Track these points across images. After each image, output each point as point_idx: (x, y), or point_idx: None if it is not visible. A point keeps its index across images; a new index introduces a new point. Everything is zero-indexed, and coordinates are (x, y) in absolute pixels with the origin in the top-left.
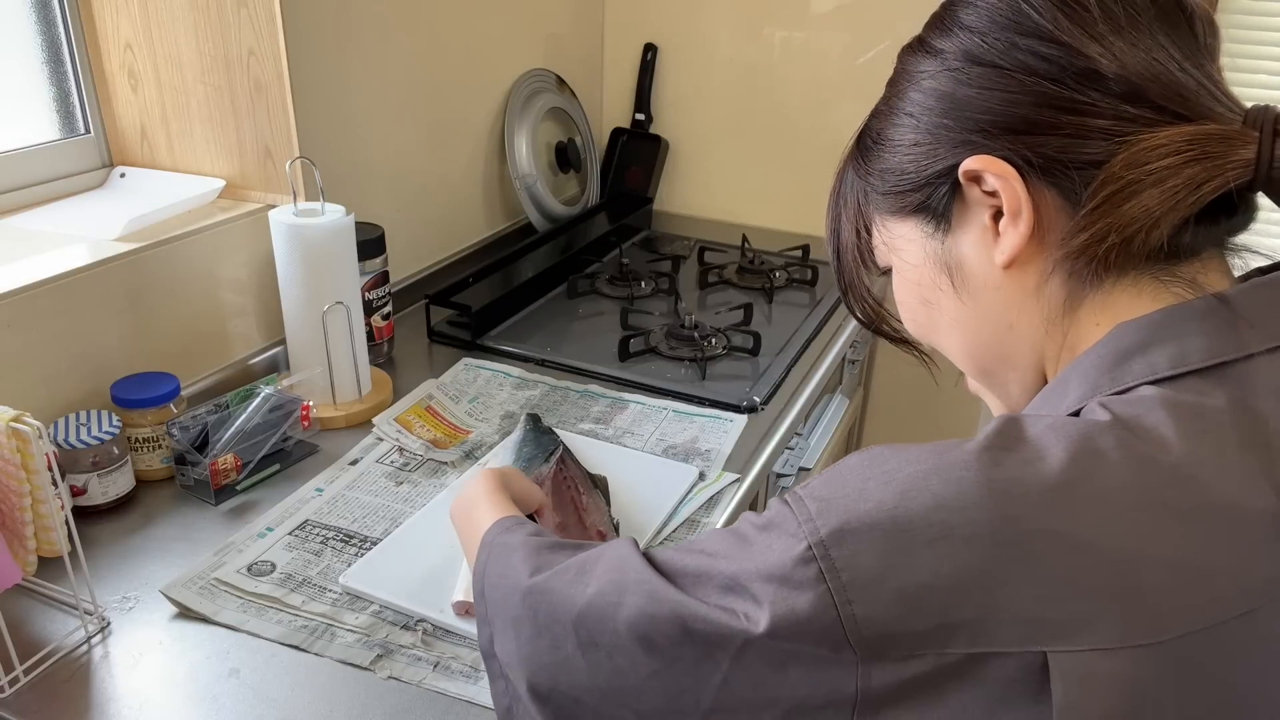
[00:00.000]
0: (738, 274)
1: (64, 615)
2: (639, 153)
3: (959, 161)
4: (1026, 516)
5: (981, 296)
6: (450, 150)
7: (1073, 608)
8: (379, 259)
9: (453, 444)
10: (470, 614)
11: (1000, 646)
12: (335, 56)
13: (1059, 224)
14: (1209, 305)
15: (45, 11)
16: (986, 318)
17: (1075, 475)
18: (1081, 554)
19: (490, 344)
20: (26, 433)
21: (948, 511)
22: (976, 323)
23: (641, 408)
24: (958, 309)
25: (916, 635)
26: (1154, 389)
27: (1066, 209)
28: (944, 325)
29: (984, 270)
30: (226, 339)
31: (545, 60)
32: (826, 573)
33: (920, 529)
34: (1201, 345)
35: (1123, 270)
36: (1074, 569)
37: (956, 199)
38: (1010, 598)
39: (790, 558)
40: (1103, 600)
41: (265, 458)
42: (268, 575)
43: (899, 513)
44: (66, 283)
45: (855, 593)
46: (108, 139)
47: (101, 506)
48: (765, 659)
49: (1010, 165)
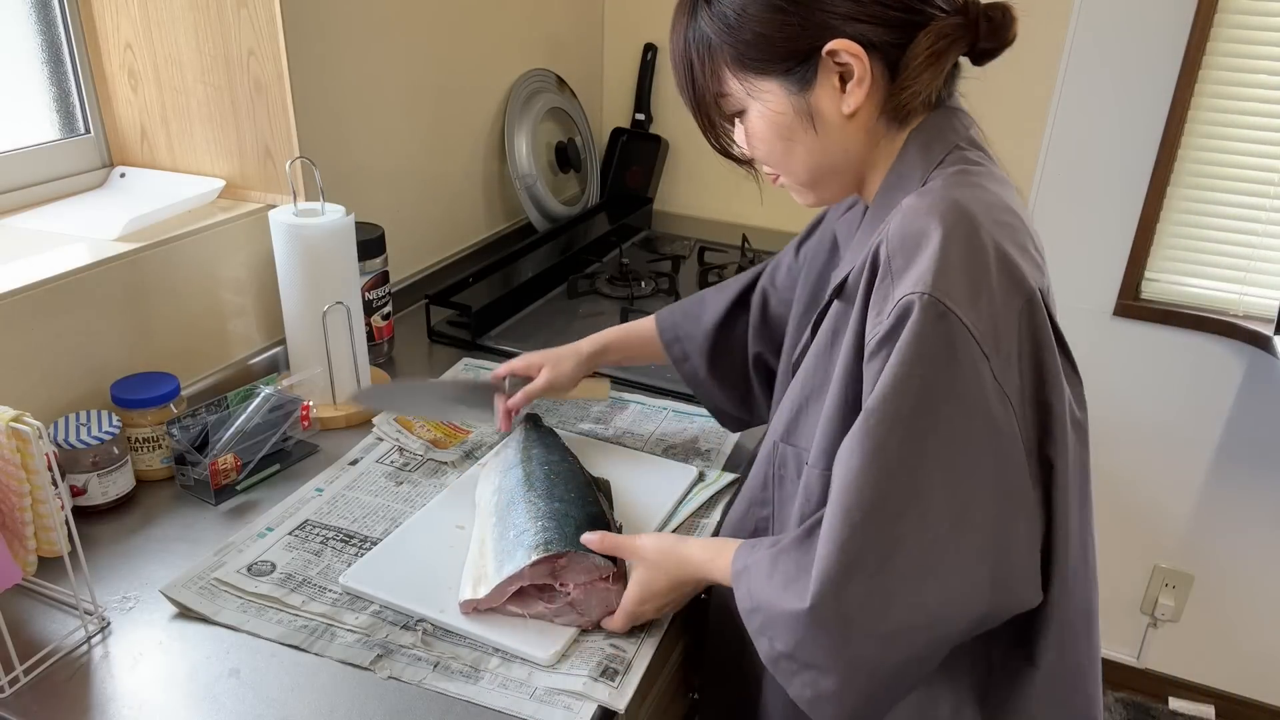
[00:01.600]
0: (738, 274)
1: (64, 615)
2: (639, 153)
3: (823, 41)
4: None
5: (831, 133)
6: (450, 150)
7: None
8: (379, 259)
9: (453, 444)
10: (477, 611)
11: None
12: (335, 56)
13: (883, 82)
14: (945, 110)
15: (45, 11)
16: (833, 147)
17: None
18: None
19: (490, 344)
20: (26, 433)
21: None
22: (824, 152)
23: (641, 408)
24: (813, 142)
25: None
26: (952, 155)
27: (885, 75)
28: (799, 154)
29: (833, 116)
30: (226, 339)
31: (545, 60)
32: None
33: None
34: (954, 126)
35: (914, 109)
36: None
37: (817, 64)
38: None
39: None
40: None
41: (265, 458)
42: (268, 575)
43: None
44: (66, 283)
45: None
46: (108, 139)
47: (101, 506)
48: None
49: (860, 45)
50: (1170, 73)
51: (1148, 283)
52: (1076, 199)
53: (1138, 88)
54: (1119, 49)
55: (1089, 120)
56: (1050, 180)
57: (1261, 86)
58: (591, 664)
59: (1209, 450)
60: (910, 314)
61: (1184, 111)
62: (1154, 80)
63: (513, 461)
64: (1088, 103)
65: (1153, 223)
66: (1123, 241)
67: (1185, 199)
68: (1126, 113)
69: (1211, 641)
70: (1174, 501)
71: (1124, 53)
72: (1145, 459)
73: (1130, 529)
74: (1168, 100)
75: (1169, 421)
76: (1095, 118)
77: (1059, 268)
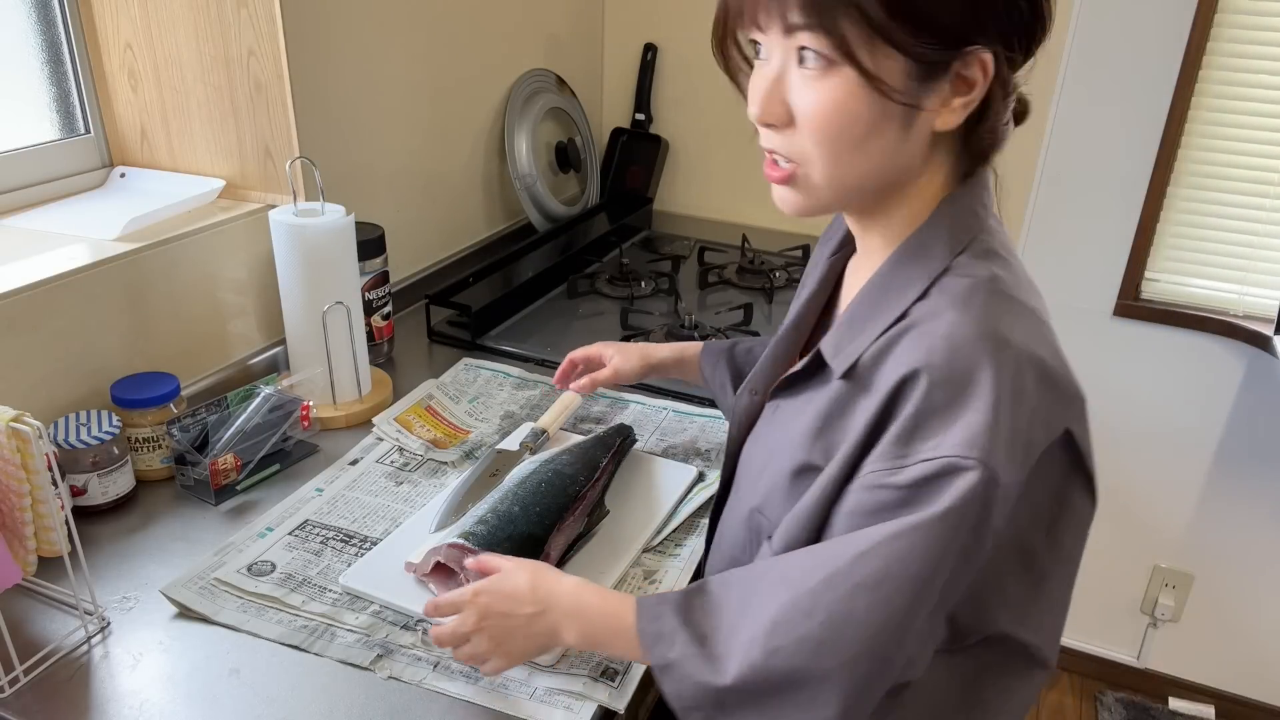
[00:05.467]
0: (738, 274)
1: (64, 615)
2: (639, 153)
3: (974, 40)
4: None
5: (909, 144)
6: (450, 150)
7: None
8: (379, 259)
9: (453, 444)
10: (415, 574)
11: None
12: (335, 56)
13: (976, 116)
14: (979, 176)
15: (45, 11)
16: (904, 156)
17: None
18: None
19: (490, 344)
20: (26, 433)
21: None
22: (895, 156)
23: (641, 408)
24: (895, 139)
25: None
26: (983, 238)
27: (981, 108)
28: (873, 147)
29: (925, 122)
30: (226, 339)
31: (545, 60)
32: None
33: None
34: (985, 202)
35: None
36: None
37: (952, 62)
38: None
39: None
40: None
41: (265, 458)
42: (268, 575)
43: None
44: (66, 283)
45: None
46: (108, 139)
47: (101, 506)
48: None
49: (994, 64)
50: (1170, 73)
51: (1148, 283)
52: (1076, 199)
53: (1138, 88)
54: (1119, 49)
55: (1089, 120)
56: (1050, 180)
57: (1261, 86)
58: (591, 664)
59: (1209, 450)
60: (957, 477)
61: (1184, 111)
62: (1154, 80)
63: (544, 458)
64: (1088, 103)
65: (1153, 223)
66: (1123, 241)
67: (1185, 199)
68: (1126, 113)
69: (1211, 641)
70: (1174, 501)
71: (1124, 53)
72: (1145, 459)
73: (1130, 529)
74: (1168, 100)
75: (1169, 421)
76: (1095, 118)
77: (1059, 268)
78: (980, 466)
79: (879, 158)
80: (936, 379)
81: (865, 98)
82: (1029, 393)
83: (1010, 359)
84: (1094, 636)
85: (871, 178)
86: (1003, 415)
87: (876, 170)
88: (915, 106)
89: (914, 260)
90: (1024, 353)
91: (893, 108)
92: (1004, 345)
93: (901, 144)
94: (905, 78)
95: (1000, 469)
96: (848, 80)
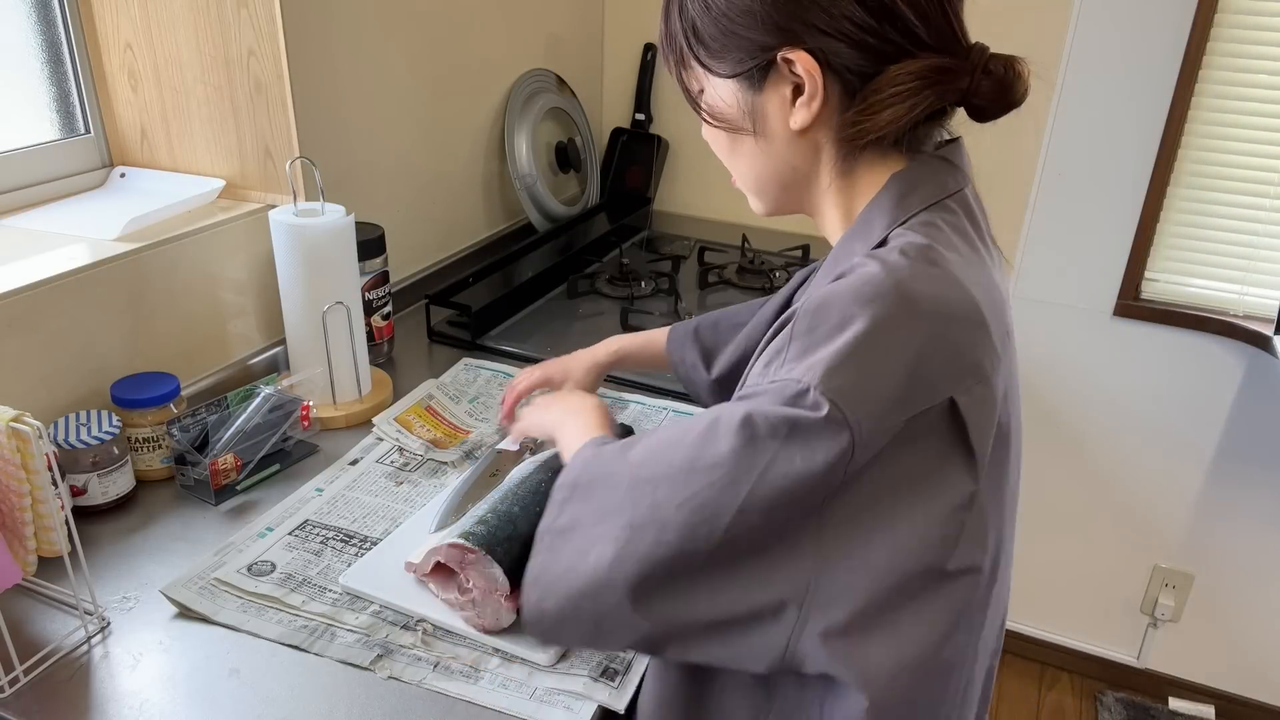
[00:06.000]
0: (738, 274)
1: (64, 615)
2: (639, 153)
3: (784, 46)
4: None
5: (775, 142)
6: (450, 150)
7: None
8: (379, 259)
9: (453, 444)
10: (416, 574)
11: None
12: (336, 56)
13: (839, 108)
14: (938, 160)
15: (45, 11)
16: (776, 158)
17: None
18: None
19: (490, 344)
20: (26, 433)
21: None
22: (767, 160)
23: (641, 408)
24: (754, 146)
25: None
26: (926, 214)
27: (844, 99)
28: (743, 153)
29: (778, 127)
30: (226, 339)
31: (545, 60)
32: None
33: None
34: (942, 183)
35: (881, 146)
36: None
37: (771, 69)
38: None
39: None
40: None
41: (265, 458)
42: (268, 575)
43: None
44: (66, 283)
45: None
46: (108, 139)
47: (101, 506)
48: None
49: (817, 62)
50: (1170, 73)
51: (1148, 283)
52: (1076, 199)
53: (1138, 88)
54: (1119, 49)
55: (1089, 120)
56: (1050, 180)
57: (1261, 86)
58: (591, 664)
59: (1209, 450)
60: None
61: (1184, 111)
62: (1154, 80)
63: (544, 458)
64: (1088, 103)
65: (1153, 223)
66: (1123, 241)
67: (1185, 199)
68: (1126, 112)
69: (1211, 641)
70: (1174, 501)
71: (1124, 53)
72: (1145, 459)
73: (1130, 529)
74: (1168, 100)
75: (1169, 421)
76: (1095, 118)
77: (1059, 268)
78: (813, 391)
79: (759, 162)
80: (814, 310)
81: (715, 110)
82: (914, 350)
83: (903, 312)
84: (1094, 636)
85: (767, 180)
86: (866, 358)
87: (768, 173)
88: (737, 130)
89: (857, 235)
90: (925, 309)
91: (735, 111)
92: (903, 300)
93: (769, 147)
94: (741, 92)
95: (846, 407)
96: (707, 98)
